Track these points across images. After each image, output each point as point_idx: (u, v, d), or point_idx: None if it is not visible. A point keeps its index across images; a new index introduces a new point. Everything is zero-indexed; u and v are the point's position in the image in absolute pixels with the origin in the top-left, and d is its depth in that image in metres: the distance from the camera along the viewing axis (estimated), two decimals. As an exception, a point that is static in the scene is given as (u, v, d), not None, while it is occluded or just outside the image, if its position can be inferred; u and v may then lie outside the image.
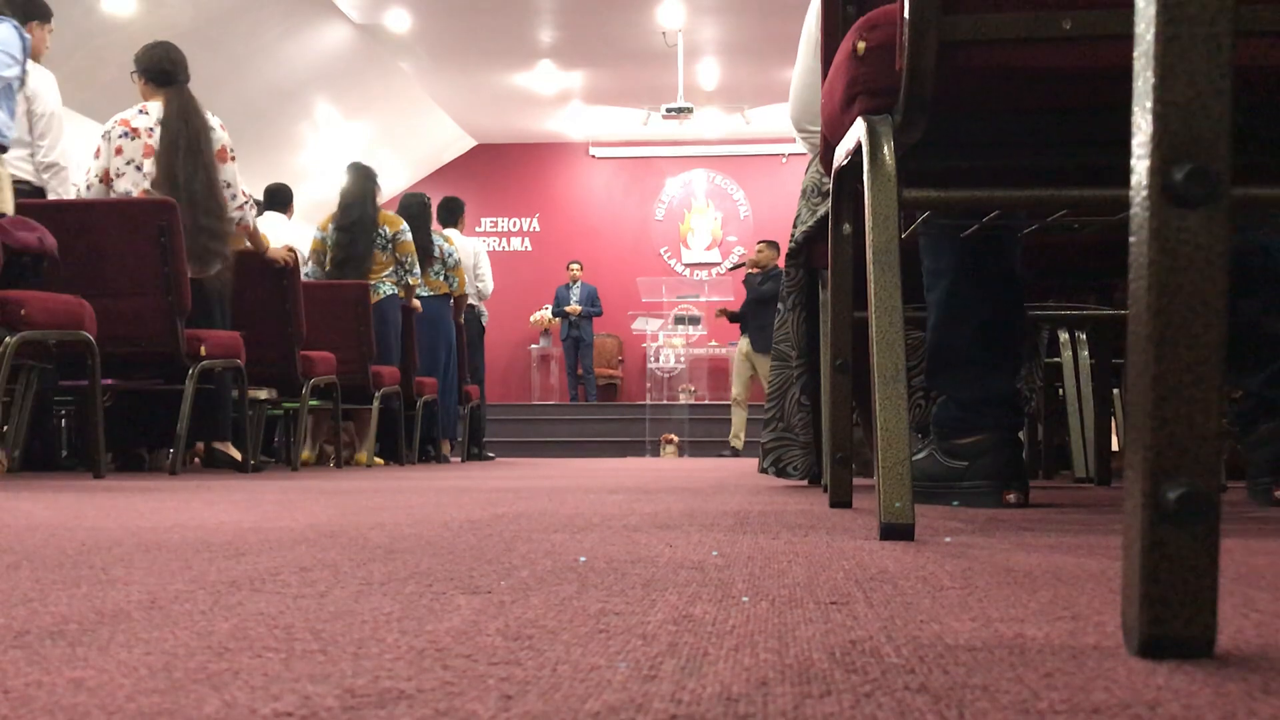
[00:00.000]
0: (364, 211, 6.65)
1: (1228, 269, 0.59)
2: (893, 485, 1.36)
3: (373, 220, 6.65)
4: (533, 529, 1.55)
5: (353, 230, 6.58)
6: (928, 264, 2.19)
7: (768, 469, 3.19)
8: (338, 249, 6.60)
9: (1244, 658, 0.61)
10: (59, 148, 4.83)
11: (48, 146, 4.78)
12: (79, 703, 0.51)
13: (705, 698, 0.52)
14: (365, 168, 6.81)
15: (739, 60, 12.77)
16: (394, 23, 11.65)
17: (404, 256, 6.72)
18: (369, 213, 6.66)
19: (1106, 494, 2.83)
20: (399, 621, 0.74)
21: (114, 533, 1.47)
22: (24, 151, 4.75)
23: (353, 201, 6.66)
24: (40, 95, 4.75)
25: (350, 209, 6.65)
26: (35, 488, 2.98)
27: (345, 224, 6.62)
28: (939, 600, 0.84)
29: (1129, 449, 0.62)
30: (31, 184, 4.77)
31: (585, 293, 14.38)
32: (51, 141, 4.80)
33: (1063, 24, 1.43)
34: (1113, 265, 2.90)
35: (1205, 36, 0.59)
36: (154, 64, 4.85)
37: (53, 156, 4.80)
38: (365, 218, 6.64)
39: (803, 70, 3.13)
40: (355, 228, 6.59)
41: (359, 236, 6.58)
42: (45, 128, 4.77)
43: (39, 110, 4.75)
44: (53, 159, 4.80)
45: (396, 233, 6.70)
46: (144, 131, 4.75)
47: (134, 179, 4.72)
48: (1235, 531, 1.53)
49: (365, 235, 6.60)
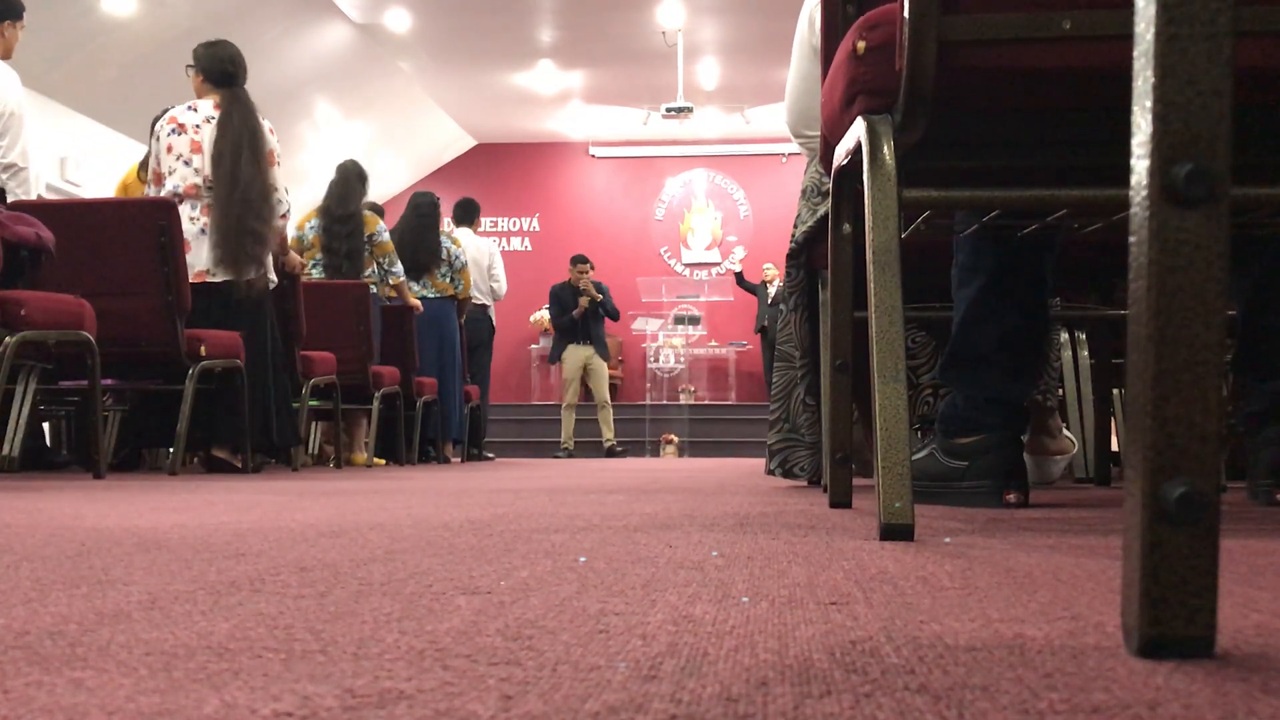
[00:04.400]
0: (357, 208, 6.62)
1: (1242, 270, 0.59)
2: (893, 485, 1.36)
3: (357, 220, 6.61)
4: (533, 529, 1.55)
5: (348, 224, 6.53)
6: (963, 260, 2.17)
7: (774, 470, 3.18)
8: (334, 244, 6.55)
9: (1244, 658, 0.61)
10: (19, 147, 4.68)
11: (7, 146, 4.65)
12: (79, 703, 0.51)
13: (705, 698, 0.52)
14: (357, 167, 6.78)
15: (739, 60, 12.78)
16: (394, 23, 11.65)
17: (382, 257, 6.70)
18: (360, 210, 6.63)
19: (1106, 494, 2.83)
20: (399, 622, 0.74)
21: (114, 533, 1.47)
22: None
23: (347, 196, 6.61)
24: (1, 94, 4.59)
25: (346, 203, 6.60)
26: (35, 488, 2.98)
27: (341, 216, 6.55)
28: (939, 600, 0.84)
29: (1129, 449, 0.62)
30: None
31: (594, 292, 14.36)
32: (11, 141, 4.65)
33: (1062, 24, 1.43)
34: (1113, 265, 2.90)
35: (1205, 36, 0.59)
36: (216, 64, 4.81)
37: (12, 156, 4.66)
38: (359, 214, 6.61)
39: (796, 76, 3.13)
40: (351, 221, 6.55)
41: (355, 231, 6.54)
42: (4, 127, 4.63)
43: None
44: (11, 159, 4.66)
45: (374, 233, 6.67)
46: (191, 128, 4.71)
47: (184, 174, 4.68)
48: (1235, 531, 1.53)
49: (360, 232, 6.57)
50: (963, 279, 2.17)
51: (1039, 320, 2.18)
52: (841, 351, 1.99)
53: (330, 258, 6.55)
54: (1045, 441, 3.06)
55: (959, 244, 2.19)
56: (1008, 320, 2.12)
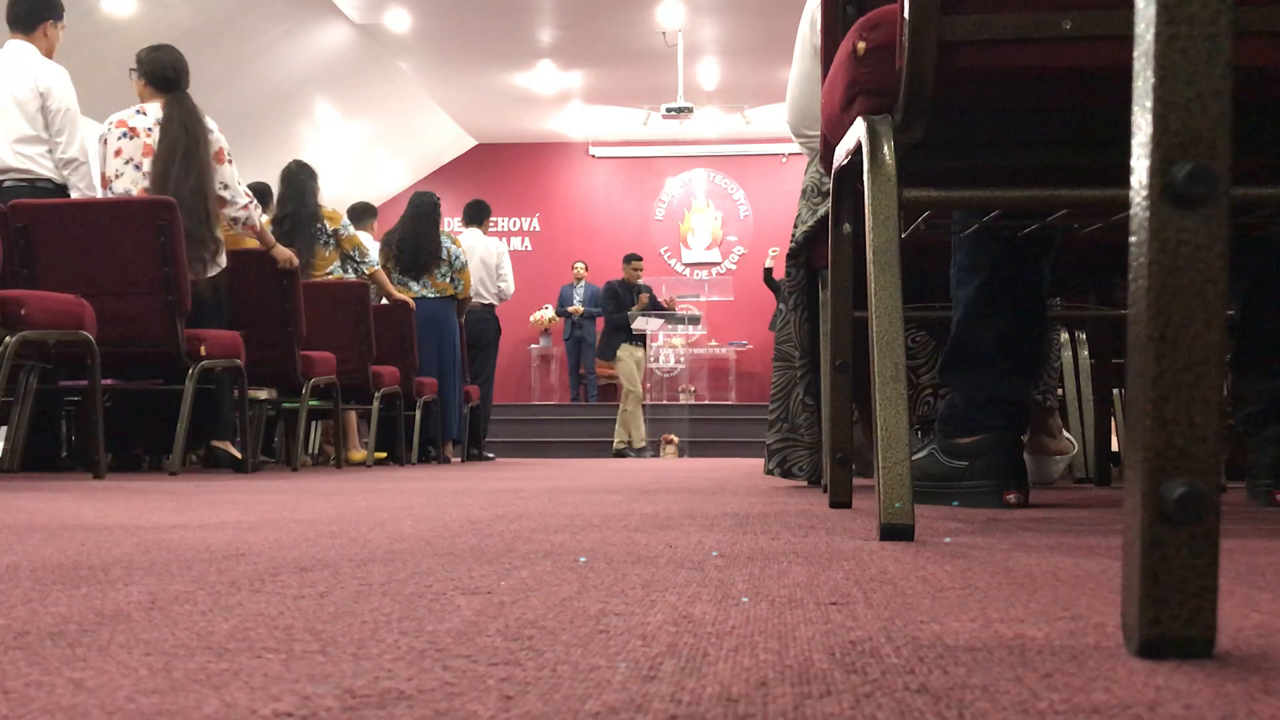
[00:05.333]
0: (300, 205, 6.51)
1: (1240, 270, 0.59)
2: (893, 485, 1.36)
3: (312, 215, 6.53)
4: (533, 529, 1.55)
5: (283, 224, 6.41)
6: (962, 259, 2.17)
7: (773, 470, 3.18)
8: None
9: (1244, 658, 0.61)
10: (77, 143, 4.83)
11: (65, 142, 4.79)
12: (79, 703, 0.51)
13: (705, 698, 0.52)
14: (303, 164, 6.70)
15: (739, 60, 12.78)
16: (394, 23, 11.65)
17: (351, 250, 6.67)
18: (307, 207, 6.53)
19: (1106, 494, 2.83)
20: (399, 622, 0.74)
21: (114, 533, 1.47)
22: (42, 148, 4.76)
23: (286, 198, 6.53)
24: (54, 92, 4.76)
25: (284, 202, 6.52)
26: (35, 488, 2.98)
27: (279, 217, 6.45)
28: (939, 600, 0.84)
29: (1129, 449, 0.62)
30: (54, 181, 4.79)
31: (589, 293, 14.38)
32: (69, 137, 4.80)
33: (1063, 24, 1.43)
34: (1113, 265, 2.90)
35: (1205, 36, 0.59)
36: (157, 69, 4.84)
37: (71, 152, 4.81)
38: (302, 212, 6.50)
39: (798, 76, 3.13)
40: (288, 221, 6.43)
41: (294, 230, 6.40)
42: (62, 123, 4.78)
43: (54, 106, 4.76)
44: (72, 154, 4.81)
45: (337, 229, 6.63)
46: (143, 131, 4.74)
47: (133, 178, 4.72)
48: (1235, 531, 1.53)
49: (301, 230, 6.45)
50: (962, 279, 2.17)
51: (1038, 320, 2.18)
52: (841, 351, 1.99)
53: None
54: (1045, 441, 3.06)
55: (958, 244, 2.19)
56: (1007, 320, 2.12)
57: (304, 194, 6.56)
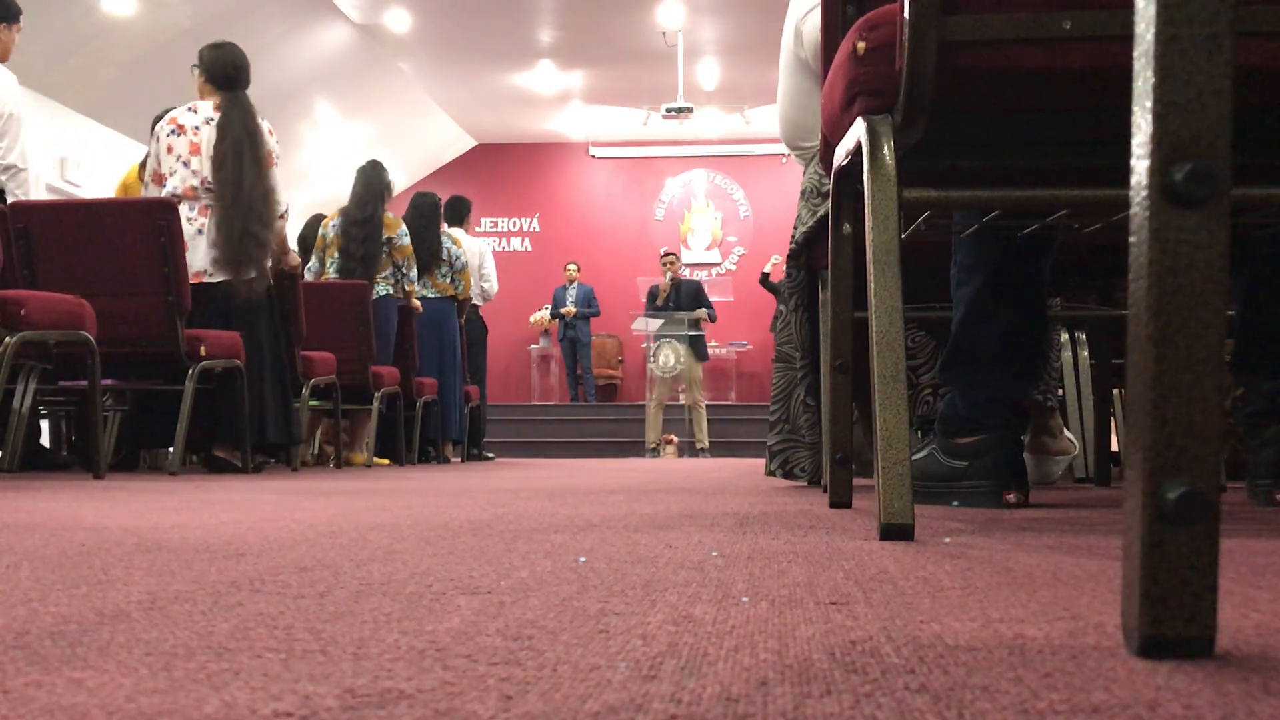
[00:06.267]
0: (376, 210, 6.62)
1: (1240, 270, 0.59)
2: (892, 485, 1.36)
3: (382, 221, 6.63)
4: (533, 529, 1.55)
5: (366, 227, 6.53)
6: (962, 259, 2.17)
7: (775, 471, 3.18)
8: (351, 246, 6.56)
9: (1244, 658, 0.61)
10: (18, 149, 4.72)
11: (5, 148, 4.68)
12: (79, 703, 0.51)
13: (705, 698, 0.52)
14: (380, 167, 6.76)
15: (739, 60, 12.78)
16: (394, 23, 11.65)
17: (401, 260, 6.70)
18: (380, 213, 6.64)
19: (1106, 494, 2.83)
20: (399, 622, 0.74)
21: (114, 533, 1.47)
22: None
23: (367, 199, 6.62)
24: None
25: (365, 205, 6.61)
26: (35, 488, 2.98)
27: (359, 219, 6.55)
28: (939, 600, 0.84)
29: (1129, 449, 0.62)
30: None
31: (581, 293, 14.39)
32: (10, 143, 4.69)
33: (1063, 24, 1.43)
34: (1113, 265, 2.90)
35: (1205, 36, 0.59)
36: (218, 67, 4.79)
37: (10, 158, 4.70)
38: (378, 217, 6.61)
39: (786, 90, 3.14)
40: (369, 224, 6.55)
41: (372, 234, 6.53)
42: (3, 129, 4.66)
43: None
44: (10, 161, 4.69)
45: (394, 236, 6.67)
46: (190, 129, 4.70)
47: (183, 176, 4.67)
48: (1235, 531, 1.53)
49: (377, 235, 6.57)
50: (962, 279, 2.17)
51: (1038, 320, 2.18)
52: (841, 352, 1.99)
53: (345, 260, 6.55)
54: (1045, 441, 3.06)
55: (958, 244, 2.19)
56: (1007, 320, 2.12)
57: (380, 200, 6.61)
